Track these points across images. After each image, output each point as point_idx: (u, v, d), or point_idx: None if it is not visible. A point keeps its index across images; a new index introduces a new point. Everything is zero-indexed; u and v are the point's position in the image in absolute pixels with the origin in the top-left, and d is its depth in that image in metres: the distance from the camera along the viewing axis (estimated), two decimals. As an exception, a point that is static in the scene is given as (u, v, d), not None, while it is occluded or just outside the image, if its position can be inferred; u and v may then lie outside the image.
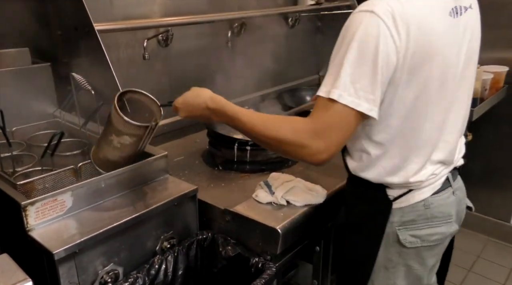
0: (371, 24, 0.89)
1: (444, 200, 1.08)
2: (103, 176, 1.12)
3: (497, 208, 2.61)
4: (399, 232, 1.08)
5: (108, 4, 1.62)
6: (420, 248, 1.09)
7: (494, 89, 2.20)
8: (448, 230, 1.11)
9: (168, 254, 1.15)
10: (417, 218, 1.07)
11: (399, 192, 1.06)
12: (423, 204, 1.06)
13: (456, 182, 1.14)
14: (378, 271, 1.13)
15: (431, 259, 1.13)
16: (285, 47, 2.46)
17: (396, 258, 1.11)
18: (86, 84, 1.29)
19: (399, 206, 1.07)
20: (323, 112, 0.94)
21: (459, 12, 0.99)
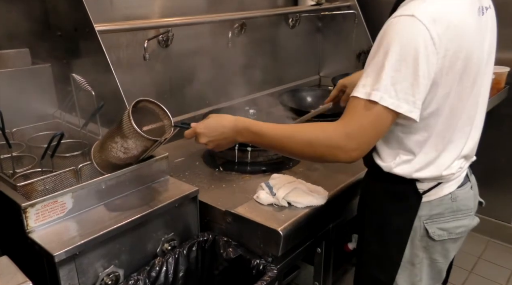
0: (412, 27, 0.90)
1: (466, 193, 1.13)
2: (103, 178, 1.11)
3: (498, 209, 2.60)
4: (427, 226, 1.10)
5: (109, 4, 1.61)
6: (447, 241, 1.12)
7: (495, 89, 2.19)
8: (470, 222, 1.15)
9: (169, 256, 1.14)
10: (444, 211, 1.10)
11: (429, 185, 1.09)
12: (450, 197, 1.10)
13: (472, 177, 1.20)
14: (404, 268, 1.14)
15: (453, 252, 1.17)
16: (285, 48, 2.46)
17: (422, 252, 1.13)
18: (87, 85, 1.28)
19: (428, 199, 1.09)
20: (360, 112, 0.95)
21: (483, 12, 1.03)
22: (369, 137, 0.97)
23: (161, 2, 1.80)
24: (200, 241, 1.21)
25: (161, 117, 1.18)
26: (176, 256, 1.16)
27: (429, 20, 0.91)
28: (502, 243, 2.64)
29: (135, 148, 1.10)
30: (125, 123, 1.08)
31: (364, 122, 0.95)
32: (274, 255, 1.16)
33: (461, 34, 0.95)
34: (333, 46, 2.66)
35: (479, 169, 2.52)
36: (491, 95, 2.14)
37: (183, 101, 1.92)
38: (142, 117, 1.14)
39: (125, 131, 1.08)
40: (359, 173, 1.40)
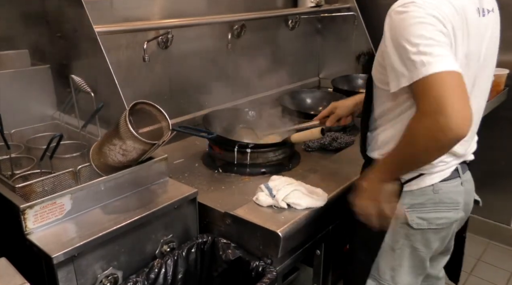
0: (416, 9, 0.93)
1: (453, 187, 1.15)
2: (102, 179, 1.11)
3: (497, 211, 2.60)
4: (408, 214, 1.13)
5: (108, 6, 1.61)
6: (427, 230, 1.15)
7: (494, 91, 2.19)
8: (454, 216, 1.17)
9: (168, 257, 1.14)
10: (426, 201, 1.13)
11: (410, 175, 1.12)
12: (432, 189, 1.12)
13: (466, 175, 1.21)
14: (384, 252, 1.19)
15: (436, 243, 1.19)
16: (285, 49, 2.46)
17: (402, 239, 1.17)
18: (86, 86, 1.28)
19: (409, 189, 1.13)
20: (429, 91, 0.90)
21: (483, 13, 1.06)
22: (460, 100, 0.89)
23: (161, 4, 1.81)
24: (199, 243, 1.21)
25: (159, 119, 1.18)
26: (175, 258, 1.15)
27: (429, 5, 0.94)
28: (501, 245, 2.63)
29: (134, 151, 1.10)
30: (122, 126, 1.08)
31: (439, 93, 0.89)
32: (273, 257, 1.16)
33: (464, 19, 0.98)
34: (333, 48, 2.66)
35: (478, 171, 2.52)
36: (491, 97, 2.15)
37: (183, 103, 1.92)
38: (140, 119, 1.14)
39: (122, 134, 1.08)
40: (358, 175, 1.40)
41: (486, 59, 1.11)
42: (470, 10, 1.02)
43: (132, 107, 1.11)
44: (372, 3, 2.52)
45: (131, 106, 1.10)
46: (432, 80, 0.90)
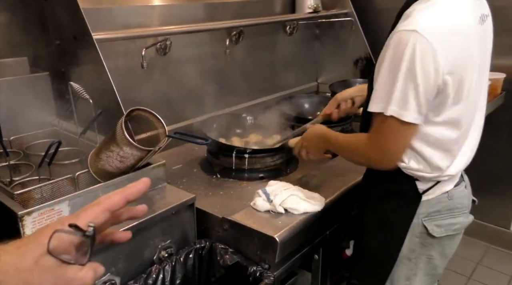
0: (416, 44, 0.94)
1: (461, 192, 1.18)
2: (100, 186, 1.11)
3: (497, 215, 2.60)
4: (426, 223, 1.15)
5: (107, 13, 1.63)
6: (444, 238, 1.17)
7: (492, 95, 2.20)
8: (465, 220, 1.19)
9: (166, 263, 1.14)
10: (442, 209, 1.15)
11: (428, 185, 1.13)
12: (447, 196, 1.15)
13: (466, 178, 1.25)
14: (400, 263, 1.20)
15: (450, 249, 1.21)
16: (283, 55, 2.48)
17: (419, 248, 1.18)
18: (84, 93, 1.29)
19: (427, 198, 1.14)
20: (381, 127, 1.04)
21: (484, 20, 1.07)
22: (395, 149, 1.06)
23: (159, 11, 1.82)
24: (197, 248, 1.21)
25: (156, 125, 1.20)
26: (173, 263, 1.16)
27: (431, 33, 0.94)
28: (501, 249, 2.63)
29: (131, 157, 1.11)
30: (118, 133, 1.09)
31: (387, 135, 1.04)
32: (271, 262, 1.16)
33: (465, 41, 1.00)
34: (331, 53, 2.67)
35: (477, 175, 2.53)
36: (488, 101, 2.16)
37: (181, 109, 1.93)
38: (137, 125, 1.15)
39: (119, 140, 1.09)
40: (355, 179, 1.41)
41: (489, 62, 1.14)
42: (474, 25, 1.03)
43: (129, 114, 1.12)
44: (369, 8, 2.54)
45: (127, 112, 1.11)
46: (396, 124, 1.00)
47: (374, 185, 1.23)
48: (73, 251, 0.49)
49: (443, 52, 0.95)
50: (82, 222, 0.49)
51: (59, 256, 0.48)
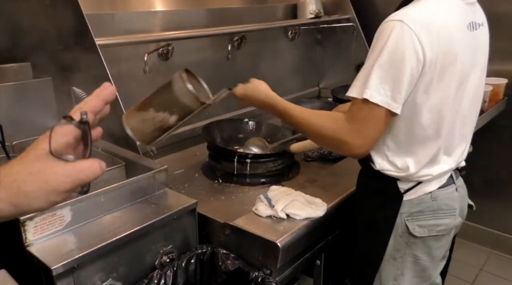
0: (400, 33, 0.98)
1: (449, 194, 1.18)
2: (102, 191, 1.11)
3: (499, 220, 2.59)
4: (408, 223, 1.16)
5: (110, 18, 1.64)
6: (427, 238, 1.17)
7: (493, 101, 2.20)
8: (452, 222, 1.19)
9: (167, 268, 1.14)
10: (425, 209, 1.15)
11: (409, 185, 1.15)
12: (430, 197, 1.15)
13: (459, 181, 1.24)
14: (386, 262, 1.21)
15: (437, 251, 1.20)
16: (285, 60, 2.48)
17: (404, 248, 1.19)
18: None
19: (408, 198, 1.15)
20: (358, 111, 1.05)
21: (475, 27, 1.09)
22: (372, 133, 1.05)
23: (162, 16, 1.83)
24: (199, 254, 1.21)
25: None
26: (174, 268, 1.15)
27: (417, 25, 0.97)
28: (504, 255, 2.62)
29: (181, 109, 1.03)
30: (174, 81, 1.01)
31: (363, 119, 1.04)
32: (273, 268, 1.16)
33: (451, 42, 1.01)
34: (333, 58, 2.68)
35: (480, 180, 2.54)
36: (490, 106, 2.16)
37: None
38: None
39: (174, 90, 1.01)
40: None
41: (482, 70, 1.16)
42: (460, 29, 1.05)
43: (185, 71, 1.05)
44: (371, 13, 2.55)
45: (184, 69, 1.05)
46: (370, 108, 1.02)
47: (362, 184, 1.26)
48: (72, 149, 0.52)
49: (426, 44, 0.97)
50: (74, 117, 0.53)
51: (62, 157, 0.50)
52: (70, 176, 0.50)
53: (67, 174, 0.50)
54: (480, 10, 1.16)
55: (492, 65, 2.33)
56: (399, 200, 1.15)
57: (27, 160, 0.50)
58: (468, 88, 1.11)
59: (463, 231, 2.75)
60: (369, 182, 1.22)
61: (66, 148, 0.51)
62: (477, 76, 1.14)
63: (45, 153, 0.50)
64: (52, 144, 0.50)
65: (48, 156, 0.50)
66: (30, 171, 0.49)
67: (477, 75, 1.14)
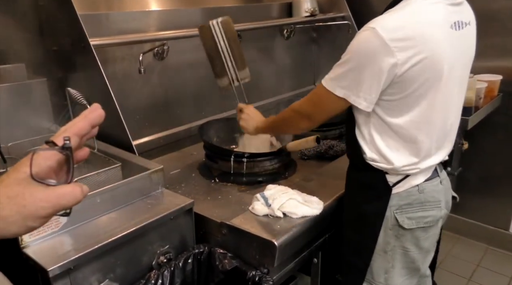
0: (371, 39, 1.04)
1: (434, 186, 1.22)
2: (98, 191, 1.11)
3: (495, 216, 2.60)
4: (397, 215, 1.19)
5: (104, 19, 1.63)
6: (416, 230, 1.20)
7: (488, 97, 2.21)
8: (438, 213, 1.22)
9: (165, 268, 1.14)
10: (413, 202, 1.19)
11: (397, 178, 1.18)
12: (418, 189, 1.19)
13: (443, 174, 1.27)
14: (377, 255, 1.24)
15: (426, 242, 1.23)
16: (280, 59, 2.48)
17: (393, 240, 1.22)
18: (82, 99, 1.29)
19: (397, 191, 1.19)
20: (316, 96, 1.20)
21: (461, 26, 1.12)
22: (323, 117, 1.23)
23: (156, 16, 1.82)
24: (196, 253, 1.21)
25: None
26: (171, 268, 1.15)
27: (387, 31, 1.02)
28: (500, 251, 2.63)
29: None
30: None
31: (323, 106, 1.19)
32: (270, 266, 1.16)
33: (430, 43, 1.04)
34: (328, 57, 2.68)
35: (475, 176, 2.56)
36: (484, 103, 2.17)
37: (179, 113, 1.93)
38: None
39: None
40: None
41: (466, 69, 1.19)
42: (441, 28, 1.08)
43: None
44: (366, 12, 2.54)
45: None
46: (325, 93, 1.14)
47: (351, 178, 1.29)
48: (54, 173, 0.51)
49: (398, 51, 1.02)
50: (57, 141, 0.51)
51: (44, 181, 0.49)
52: (50, 202, 0.49)
53: (47, 199, 0.49)
54: (468, 9, 1.18)
55: (487, 61, 2.36)
56: (388, 193, 1.18)
57: (7, 183, 0.49)
58: (453, 84, 1.14)
59: (460, 227, 2.78)
60: (358, 176, 1.25)
61: (48, 172, 0.50)
62: (463, 72, 1.17)
63: (26, 176, 0.48)
64: (34, 168, 0.48)
65: (29, 180, 0.48)
66: (8, 195, 0.48)
67: (464, 71, 1.18)
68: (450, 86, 1.13)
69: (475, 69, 1.25)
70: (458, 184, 2.49)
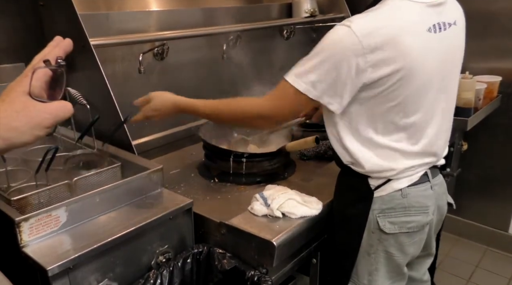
0: (345, 37, 1.02)
1: (421, 192, 1.18)
2: (98, 191, 1.11)
3: (494, 217, 2.61)
4: (379, 219, 1.18)
5: (104, 18, 1.63)
6: (398, 235, 1.19)
7: (488, 98, 2.22)
8: (424, 219, 1.20)
9: (164, 268, 1.14)
10: (396, 206, 1.17)
11: (379, 182, 1.17)
12: (401, 194, 1.16)
13: (436, 179, 1.24)
14: (361, 257, 1.24)
15: (410, 247, 1.22)
16: (280, 59, 2.48)
17: (376, 244, 1.21)
18: (82, 99, 1.29)
19: (379, 194, 1.17)
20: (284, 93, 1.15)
21: (442, 28, 1.09)
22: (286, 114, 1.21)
23: (156, 16, 1.83)
24: (195, 253, 1.21)
25: None
26: (170, 268, 1.16)
27: (363, 32, 1.00)
28: (499, 252, 2.63)
29: None
30: None
31: (286, 101, 1.16)
32: (269, 266, 1.16)
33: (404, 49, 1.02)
34: (328, 57, 2.68)
35: (475, 178, 2.56)
36: (484, 104, 2.17)
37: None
38: None
39: None
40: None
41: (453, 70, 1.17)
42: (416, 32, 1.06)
43: None
44: (366, 12, 2.54)
45: None
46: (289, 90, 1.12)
47: (338, 180, 1.29)
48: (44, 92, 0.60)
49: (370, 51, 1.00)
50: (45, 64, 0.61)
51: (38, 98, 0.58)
52: (51, 113, 0.58)
53: (48, 111, 0.58)
54: (452, 8, 1.15)
55: (487, 62, 2.37)
56: (370, 196, 1.17)
57: (10, 100, 0.57)
58: (436, 89, 1.11)
59: (459, 228, 2.78)
60: (343, 178, 1.26)
61: (39, 91, 0.59)
62: (449, 74, 1.15)
63: (25, 94, 0.58)
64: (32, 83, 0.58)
65: (28, 97, 0.58)
66: (16, 110, 0.57)
67: (451, 74, 1.16)
68: (431, 92, 1.11)
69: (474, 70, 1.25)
70: (457, 185, 2.50)
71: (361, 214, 1.19)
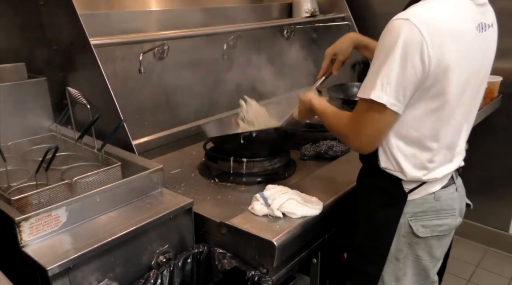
0: (406, 32, 0.96)
1: (450, 194, 1.18)
2: (98, 191, 1.11)
3: (495, 217, 2.61)
4: (411, 223, 1.15)
5: (104, 18, 1.63)
6: (430, 238, 1.17)
7: (488, 99, 2.21)
8: (453, 222, 1.19)
9: (164, 268, 1.14)
10: (428, 209, 1.15)
11: (413, 185, 1.14)
12: (434, 197, 1.15)
13: (458, 180, 1.24)
14: (389, 262, 1.20)
15: (438, 250, 1.21)
16: (280, 59, 2.48)
17: (406, 248, 1.18)
18: (82, 98, 1.29)
19: (412, 198, 1.14)
20: (361, 111, 1.08)
21: (484, 28, 1.08)
22: (371, 134, 1.09)
23: (157, 16, 1.83)
24: (195, 253, 1.21)
25: None
26: (171, 268, 1.15)
27: (423, 24, 0.96)
28: (500, 252, 2.63)
29: None
30: None
31: (365, 120, 1.07)
32: (269, 266, 1.16)
33: (458, 42, 1.00)
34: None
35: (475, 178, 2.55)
36: (484, 104, 2.17)
37: (179, 113, 1.93)
38: None
39: None
40: (353, 183, 1.40)
41: (487, 70, 1.16)
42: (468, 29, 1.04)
43: None
44: (366, 12, 2.55)
45: None
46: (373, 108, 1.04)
47: (364, 182, 1.26)
48: None
49: (432, 45, 0.96)
50: None
51: None
52: None
53: None
54: (490, 10, 1.14)
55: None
56: (404, 200, 1.14)
57: None
58: (472, 88, 1.10)
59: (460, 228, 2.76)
60: (371, 181, 1.21)
61: None
62: (481, 75, 1.13)
63: None
64: None
65: None
66: None
67: (482, 74, 1.13)
68: (470, 91, 1.09)
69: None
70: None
71: (392, 218, 1.15)
